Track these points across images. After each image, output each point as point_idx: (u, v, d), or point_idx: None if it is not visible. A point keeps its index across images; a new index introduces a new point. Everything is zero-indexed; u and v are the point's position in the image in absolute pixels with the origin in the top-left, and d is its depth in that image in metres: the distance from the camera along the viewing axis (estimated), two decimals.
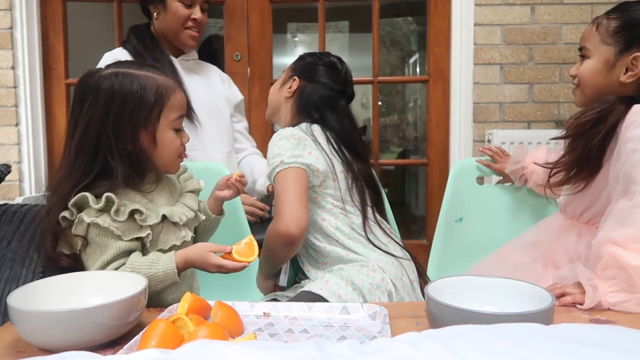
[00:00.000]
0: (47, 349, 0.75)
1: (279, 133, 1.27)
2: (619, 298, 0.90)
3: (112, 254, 0.95)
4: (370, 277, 1.19)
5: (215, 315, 0.85)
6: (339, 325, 0.86)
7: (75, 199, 0.94)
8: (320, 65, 1.37)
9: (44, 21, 2.27)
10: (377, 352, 0.53)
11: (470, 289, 0.85)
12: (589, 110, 1.11)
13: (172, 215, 1.00)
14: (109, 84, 0.96)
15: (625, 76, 1.10)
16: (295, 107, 1.36)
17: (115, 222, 0.94)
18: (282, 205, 1.18)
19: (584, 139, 1.11)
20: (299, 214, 1.16)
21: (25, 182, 2.22)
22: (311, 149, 1.25)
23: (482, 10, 2.20)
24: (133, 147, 0.98)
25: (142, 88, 0.97)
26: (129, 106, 0.96)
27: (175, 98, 1.01)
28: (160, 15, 1.68)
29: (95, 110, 0.96)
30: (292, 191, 1.18)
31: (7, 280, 1.04)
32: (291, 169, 1.20)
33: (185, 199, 1.09)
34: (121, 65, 1.01)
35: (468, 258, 1.47)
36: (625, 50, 1.10)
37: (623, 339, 0.56)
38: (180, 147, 1.04)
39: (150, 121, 0.98)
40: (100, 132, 0.96)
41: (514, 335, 0.57)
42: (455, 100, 2.25)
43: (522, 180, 1.50)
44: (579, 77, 1.18)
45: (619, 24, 1.11)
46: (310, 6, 2.38)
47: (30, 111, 2.22)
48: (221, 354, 0.50)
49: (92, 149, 0.97)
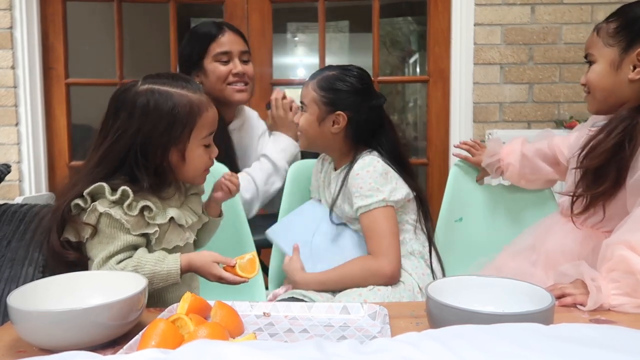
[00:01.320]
0: (47, 349, 0.75)
1: (371, 165, 1.26)
2: (620, 301, 0.90)
3: (119, 246, 0.96)
4: (405, 299, 1.22)
5: (215, 315, 0.85)
6: (339, 325, 0.86)
7: (92, 187, 0.95)
8: (356, 91, 1.31)
9: (44, 21, 2.27)
10: (377, 352, 0.53)
11: (470, 289, 0.85)
12: (607, 136, 1.08)
13: (179, 218, 1.03)
14: (144, 101, 0.98)
15: (633, 73, 1.10)
16: (349, 139, 1.33)
17: (127, 215, 0.96)
18: (388, 246, 1.22)
19: (614, 165, 1.07)
20: (399, 255, 1.25)
21: (25, 182, 2.22)
22: (397, 179, 1.28)
23: (482, 10, 2.20)
24: (161, 162, 1.00)
25: (176, 107, 0.98)
26: (162, 125, 0.98)
27: (207, 115, 1.02)
28: (203, 81, 1.66)
29: (128, 125, 0.98)
30: (395, 234, 1.25)
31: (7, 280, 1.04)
32: (389, 208, 1.25)
33: (191, 201, 1.10)
34: (157, 79, 1.02)
35: (468, 258, 1.47)
36: (629, 47, 1.10)
37: (623, 339, 0.56)
38: (208, 161, 1.06)
39: (181, 139, 1.00)
40: (130, 146, 0.98)
41: (514, 335, 0.57)
42: (455, 100, 2.25)
43: (498, 173, 1.50)
44: (588, 83, 1.17)
45: (618, 24, 1.12)
46: (310, 6, 2.38)
47: (30, 111, 2.22)
48: (221, 353, 0.50)
49: (117, 160, 0.98)
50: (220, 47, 1.65)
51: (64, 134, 2.29)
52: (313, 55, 4.84)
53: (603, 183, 1.08)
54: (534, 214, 1.52)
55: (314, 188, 1.49)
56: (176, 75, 1.05)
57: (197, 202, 1.12)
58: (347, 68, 1.34)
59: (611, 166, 1.07)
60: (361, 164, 1.27)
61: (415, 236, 1.34)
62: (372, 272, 1.22)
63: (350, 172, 1.28)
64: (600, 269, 0.95)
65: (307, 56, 4.90)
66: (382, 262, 1.21)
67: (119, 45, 2.29)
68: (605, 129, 1.10)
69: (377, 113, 1.33)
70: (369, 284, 1.22)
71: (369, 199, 1.24)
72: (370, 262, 1.23)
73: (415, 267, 1.29)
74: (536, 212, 1.51)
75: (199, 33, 1.70)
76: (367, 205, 1.24)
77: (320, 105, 1.31)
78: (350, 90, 1.30)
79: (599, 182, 1.09)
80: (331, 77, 1.32)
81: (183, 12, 2.81)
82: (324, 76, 1.32)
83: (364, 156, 1.29)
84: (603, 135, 1.09)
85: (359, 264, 1.24)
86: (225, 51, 1.65)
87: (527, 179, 1.46)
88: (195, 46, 1.68)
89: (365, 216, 1.25)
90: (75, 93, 2.34)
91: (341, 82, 1.31)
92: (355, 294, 1.20)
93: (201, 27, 1.72)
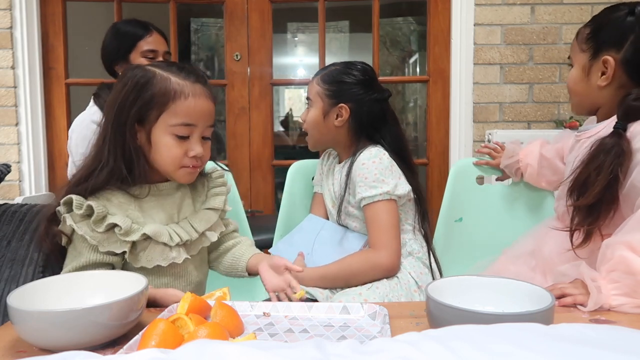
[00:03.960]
0: (47, 349, 0.75)
1: (378, 156, 1.27)
2: (620, 301, 0.90)
3: (82, 263, 0.94)
4: (403, 297, 1.22)
5: (215, 315, 0.85)
6: (339, 325, 0.86)
7: (65, 198, 0.94)
8: (359, 83, 1.33)
9: (44, 21, 2.27)
10: (377, 352, 0.53)
11: (470, 289, 0.85)
12: (598, 173, 1.02)
13: (157, 235, 0.96)
14: (129, 75, 0.97)
15: (600, 80, 1.10)
16: (353, 131, 1.34)
17: (93, 231, 0.93)
18: (389, 239, 1.23)
19: (608, 196, 1.02)
20: (399, 249, 1.25)
21: (25, 182, 2.22)
22: (400, 174, 1.29)
23: (482, 10, 2.20)
24: (130, 141, 0.96)
25: (150, 83, 0.96)
26: (132, 97, 0.95)
27: (185, 103, 0.96)
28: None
29: (111, 100, 0.98)
30: (396, 228, 1.25)
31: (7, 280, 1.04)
32: (392, 202, 1.25)
33: (196, 217, 1.04)
34: (157, 63, 1.02)
35: (468, 258, 1.47)
36: (597, 53, 1.11)
37: (623, 339, 0.56)
38: (179, 157, 0.98)
39: (148, 119, 0.96)
40: (108, 122, 0.97)
41: (514, 335, 0.57)
42: (455, 100, 2.25)
43: (518, 175, 1.50)
44: (567, 86, 1.21)
45: (590, 30, 1.13)
46: (310, 6, 2.38)
47: (30, 111, 2.22)
48: (221, 353, 0.50)
49: (101, 144, 0.98)
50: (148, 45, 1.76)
51: (64, 134, 2.29)
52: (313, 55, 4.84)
53: (599, 216, 1.04)
54: (534, 214, 1.52)
55: (317, 181, 1.50)
56: (183, 65, 1.01)
57: (207, 218, 1.05)
58: (352, 62, 1.37)
59: (605, 198, 1.03)
60: (367, 154, 1.28)
61: (415, 237, 1.34)
62: (371, 265, 1.22)
63: (355, 162, 1.29)
64: (600, 269, 0.95)
65: (307, 56, 4.90)
66: (382, 254, 1.22)
67: None
68: (593, 163, 1.04)
69: (380, 106, 1.34)
70: (368, 277, 1.22)
71: (373, 190, 1.24)
72: (370, 255, 1.24)
73: (413, 267, 1.29)
74: (536, 213, 1.51)
75: (124, 30, 1.79)
76: (371, 197, 1.24)
77: (324, 98, 1.33)
78: (352, 82, 1.32)
79: (595, 215, 1.04)
80: (335, 71, 1.34)
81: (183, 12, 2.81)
82: (328, 71, 1.35)
83: (370, 148, 1.30)
84: (593, 172, 1.03)
85: (359, 257, 1.25)
86: (152, 49, 1.76)
87: (547, 180, 1.46)
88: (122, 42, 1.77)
89: (368, 208, 1.25)
90: (75, 93, 2.34)
91: (344, 75, 1.33)
92: (355, 293, 1.20)
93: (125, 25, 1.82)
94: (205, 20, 4.51)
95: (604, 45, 1.09)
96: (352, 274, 1.23)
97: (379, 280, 1.23)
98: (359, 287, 1.23)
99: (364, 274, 1.23)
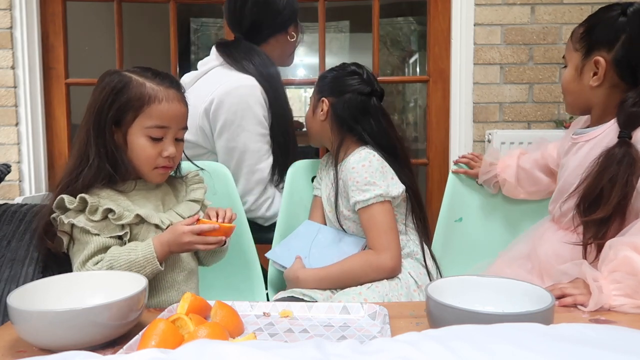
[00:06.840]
0: (47, 349, 0.75)
1: (367, 159, 1.27)
2: (621, 302, 0.90)
3: (92, 249, 0.98)
4: (403, 296, 1.23)
5: (215, 315, 0.85)
6: (339, 325, 0.86)
7: (56, 201, 0.99)
8: (342, 77, 1.37)
9: (44, 21, 2.27)
10: (377, 352, 0.53)
11: (470, 289, 0.85)
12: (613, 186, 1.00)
13: (149, 217, 1.02)
14: (107, 80, 1.02)
15: (592, 80, 1.10)
16: (335, 125, 1.36)
17: (91, 221, 0.98)
18: (389, 241, 1.24)
19: (625, 202, 1.00)
20: (400, 249, 1.26)
21: (25, 182, 2.22)
22: (392, 175, 1.30)
23: (482, 10, 2.20)
24: (110, 142, 1.02)
25: (126, 88, 1.01)
26: (109, 101, 1.01)
27: (158, 107, 1.02)
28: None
29: (90, 101, 1.03)
30: (394, 229, 1.26)
31: (7, 280, 1.04)
32: (387, 203, 1.26)
33: (180, 207, 1.10)
34: (134, 69, 1.06)
35: (468, 258, 1.47)
36: (589, 53, 1.10)
37: (623, 339, 0.56)
38: (153, 157, 1.04)
39: (123, 121, 1.02)
40: (88, 125, 1.02)
41: (514, 335, 0.57)
42: (455, 100, 2.25)
43: (496, 188, 1.52)
44: (561, 86, 1.20)
45: (583, 30, 1.12)
46: (310, 6, 2.38)
47: (30, 111, 2.22)
48: (221, 353, 0.50)
49: (84, 140, 1.02)
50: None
51: (64, 134, 2.29)
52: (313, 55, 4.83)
53: (609, 228, 1.01)
54: (533, 214, 1.51)
55: (316, 184, 1.51)
56: (156, 72, 1.07)
57: (189, 207, 1.10)
58: (346, 64, 1.41)
59: (618, 209, 1.01)
60: (357, 157, 1.29)
61: (411, 237, 1.34)
62: (373, 267, 1.22)
63: (342, 166, 1.31)
64: (602, 269, 0.95)
65: (307, 56, 4.89)
66: (383, 257, 1.22)
67: (119, 45, 2.29)
68: (606, 175, 1.01)
69: (361, 99, 1.34)
70: (370, 279, 1.22)
71: (366, 193, 1.24)
72: (373, 258, 1.23)
73: (413, 267, 1.29)
74: (535, 213, 1.51)
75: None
76: (365, 201, 1.25)
77: (314, 95, 1.40)
78: (333, 77, 1.38)
79: (607, 227, 1.02)
80: (327, 71, 1.42)
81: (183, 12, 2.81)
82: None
83: (359, 150, 1.31)
84: (607, 184, 1.01)
85: (360, 259, 1.25)
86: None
87: (527, 192, 1.46)
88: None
89: (364, 211, 1.26)
90: (75, 93, 2.34)
91: (329, 72, 1.40)
92: (355, 293, 1.20)
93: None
94: (205, 20, 4.50)
95: (596, 45, 1.09)
96: (354, 277, 1.23)
97: (381, 279, 1.23)
98: (359, 286, 1.23)
99: (366, 276, 1.23)
